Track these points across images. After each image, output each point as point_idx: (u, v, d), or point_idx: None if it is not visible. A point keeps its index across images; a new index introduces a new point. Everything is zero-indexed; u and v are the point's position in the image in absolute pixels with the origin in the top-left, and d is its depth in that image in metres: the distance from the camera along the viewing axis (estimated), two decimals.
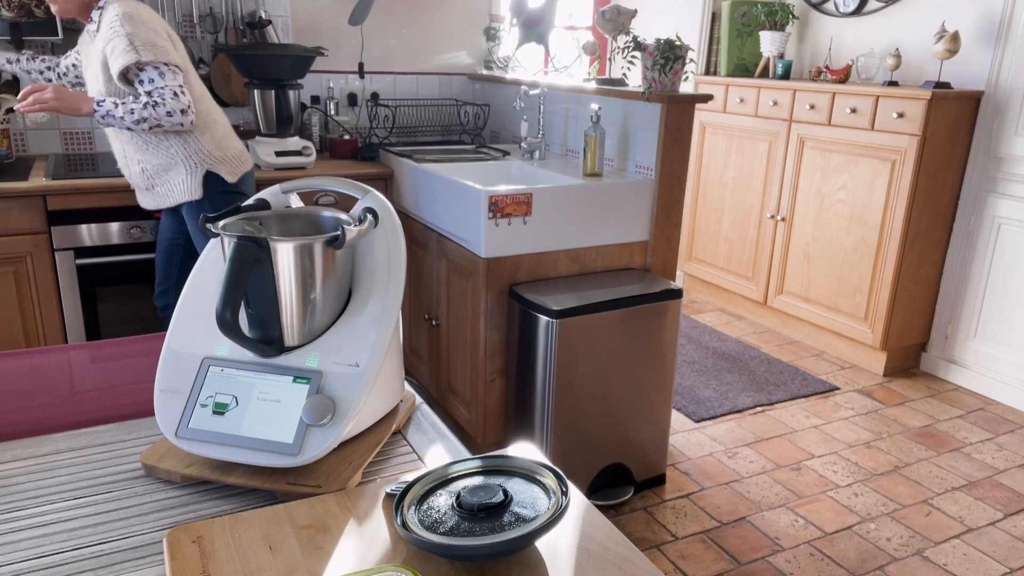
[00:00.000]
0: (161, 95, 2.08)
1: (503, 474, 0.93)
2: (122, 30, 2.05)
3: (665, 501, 2.47)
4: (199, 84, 2.27)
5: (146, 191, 2.29)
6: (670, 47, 2.48)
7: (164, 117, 2.09)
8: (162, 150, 2.20)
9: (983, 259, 3.30)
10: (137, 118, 2.06)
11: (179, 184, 2.24)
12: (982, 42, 3.23)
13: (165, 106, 2.08)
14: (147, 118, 2.07)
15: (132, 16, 2.07)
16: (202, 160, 2.24)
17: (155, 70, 2.09)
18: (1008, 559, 2.24)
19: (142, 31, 2.07)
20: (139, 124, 2.07)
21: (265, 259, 0.97)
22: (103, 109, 2.06)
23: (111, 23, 2.05)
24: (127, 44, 2.05)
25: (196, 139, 2.22)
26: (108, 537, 0.89)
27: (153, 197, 2.29)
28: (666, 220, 2.62)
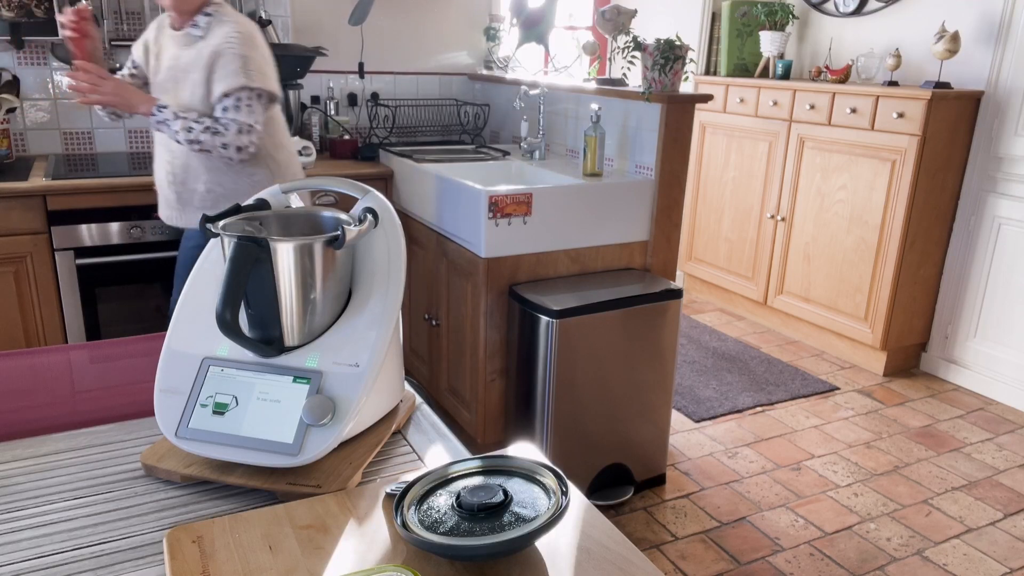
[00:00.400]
0: (227, 126, 1.99)
1: (503, 474, 0.93)
2: (239, 49, 1.97)
3: (665, 501, 2.47)
4: (280, 114, 2.23)
5: (195, 210, 2.15)
6: (670, 47, 2.47)
7: (218, 147, 2.00)
8: (244, 176, 2.11)
9: (983, 259, 3.30)
10: (192, 138, 1.97)
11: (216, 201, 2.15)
12: (982, 42, 3.23)
13: (224, 137, 1.99)
14: (201, 141, 1.98)
15: (250, 39, 2.00)
16: (256, 183, 2.16)
17: (239, 100, 2.00)
18: (1008, 559, 2.24)
19: (257, 57, 2.01)
20: (191, 143, 1.98)
21: (265, 259, 0.97)
22: (161, 116, 1.97)
23: (229, 38, 1.97)
24: (240, 66, 1.97)
25: (281, 172, 2.16)
26: (108, 537, 0.89)
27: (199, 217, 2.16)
28: (666, 220, 2.62)
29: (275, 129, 2.18)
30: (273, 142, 2.16)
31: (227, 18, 2.02)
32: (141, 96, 1.99)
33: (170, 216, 2.20)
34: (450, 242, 2.56)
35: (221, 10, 2.05)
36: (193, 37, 2.02)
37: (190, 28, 2.03)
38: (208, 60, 1.98)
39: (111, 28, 2.85)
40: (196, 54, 2.01)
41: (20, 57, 2.76)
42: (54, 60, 2.81)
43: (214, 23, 2.01)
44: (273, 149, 2.16)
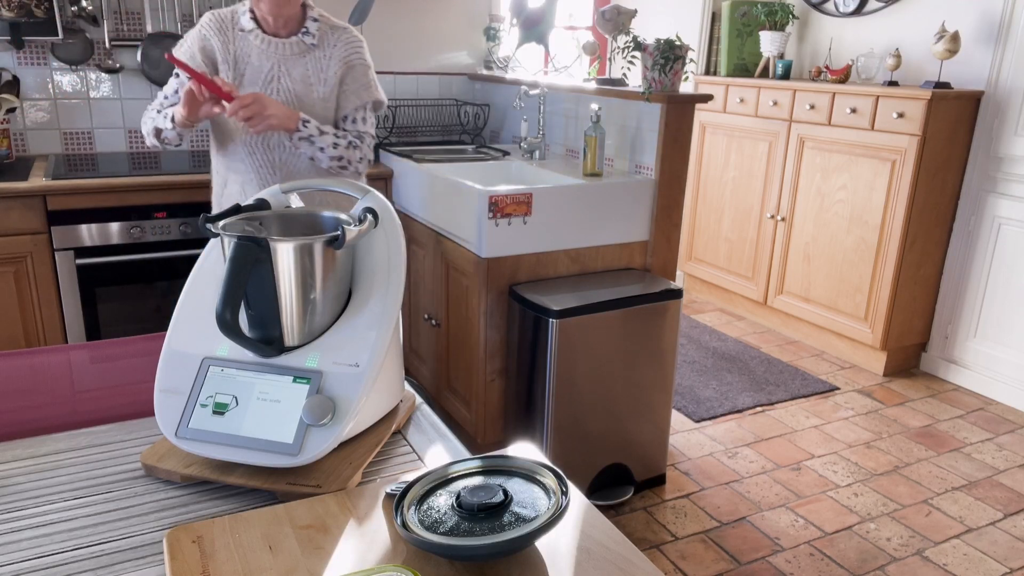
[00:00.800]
0: (362, 138, 1.91)
1: (503, 474, 0.93)
2: (367, 61, 1.88)
3: (665, 501, 2.47)
4: None
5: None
6: (670, 47, 2.47)
7: (355, 162, 1.90)
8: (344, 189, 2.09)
9: (983, 259, 3.30)
10: (337, 154, 1.85)
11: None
12: (982, 42, 3.22)
13: (361, 150, 1.90)
14: (342, 157, 1.86)
15: (365, 45, 1.92)
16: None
17: (365, 111, 1.93)
18: (1008, 559, 2.24)
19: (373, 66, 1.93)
20: (332, 160, 1.86)
21: (265, 259, 0.97)
22: (306, 131, 1.80)
23: (355, 47, 1.87)
24: (371, 80, 1.90)
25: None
26: (108, 537, 0.89)
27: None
28: (666, 220, 2.62)
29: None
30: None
31: (335, 22, 1.90)
32: (291, 111, 1.79)
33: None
34: (450, 242, 2.56)
35: (322, 13, 1.91)
36: (306, 45, 1.85)
37: (302, 35, 1.85)
38: (339, 72, 1.87)
39: (111, 28, 2.85)
40: (317, 65, 1.86)
41: (20, 57, 2.77)
42: (54, 60, 2.81)
43: (324, 28, 1.87)
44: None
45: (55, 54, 2.80)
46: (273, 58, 1.84)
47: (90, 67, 2.86)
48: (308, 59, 1.84)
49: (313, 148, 1.82)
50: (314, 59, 1.85)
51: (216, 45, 1.84)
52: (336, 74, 1.85)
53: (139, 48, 2.89)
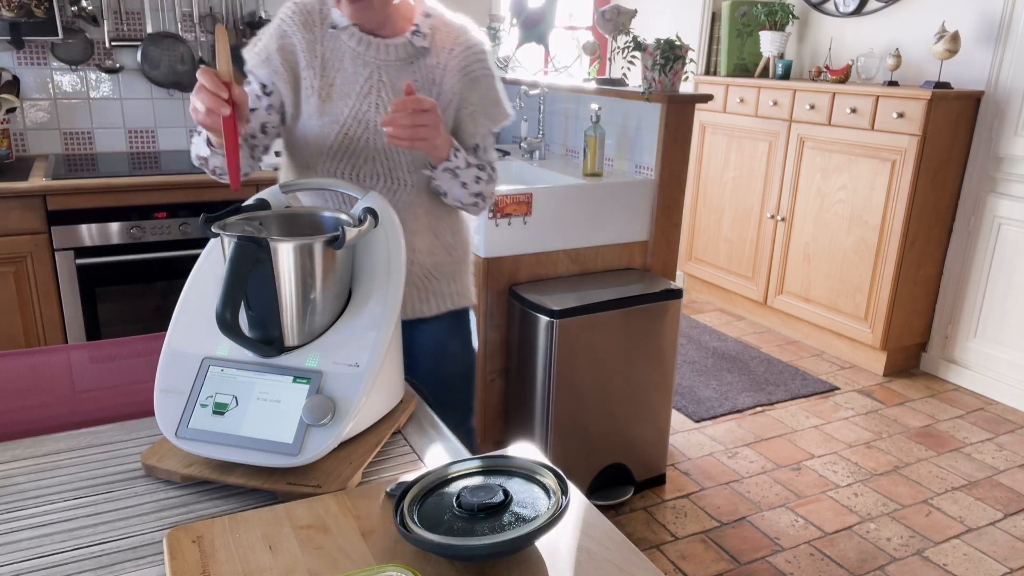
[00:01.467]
0: (495, 169, 1.49)
1: (503, 474, 0.93)
2: (492, 70, 1.43)
3: (665, 501, 2.47)
4: None
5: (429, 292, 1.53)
6: (670, 47, 2.47)
7: (488, 198, 1.48)
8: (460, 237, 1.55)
9: (983, 259, 3.30)
10: (477, 190, 1.43)
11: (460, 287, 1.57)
12: (982, 42, 3.22)
13: (494, 184, 1.48)
14: (479, 194, 1.44)
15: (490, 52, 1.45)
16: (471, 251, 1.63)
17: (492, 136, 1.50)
18: (1008, 559, 2.24)
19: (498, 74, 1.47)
20: (470, 198, 1.44)
21: (265, 259, 0.97)
22: (455, 162, 1.37)
23: (476, 53, 1.40)
24: (500, 95, 1.45)
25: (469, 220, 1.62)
26: (108, 537, 0.89)
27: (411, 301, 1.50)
28: (666, 220, 2.62)
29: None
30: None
31: (450, 18, 1.44)
32: (445, 134, 1.35)
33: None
34: None
35: (435, 6, 1.45)
36: (415, 48, 1.39)
37: (411, 36, 1.38)
38: (456, 87, 1.40)
39: (111, 28, 2.85)
40: (427, 75, 1.39)
41: (20, 57, 2.77)
42: (54, 60, 2.81)
43: (438, 26, 1.41)
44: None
45: (55, 54, 2.80)
46: (372, 64, 1.38)
47: (90, 67, 2.86)
48: (416, 66, 1.39)
49: (454, 183, 1.39)
50: (424, 67, 1.39)
51: (299, 43, 1.39)
52: (452, 89, 1.39)
53: (139, 48, 2.89)
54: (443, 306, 1.53)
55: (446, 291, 1.53)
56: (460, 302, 1.57)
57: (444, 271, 1.52)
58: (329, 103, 1.38)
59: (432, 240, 1.48)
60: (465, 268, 1.58)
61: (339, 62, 1.38)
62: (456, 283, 1.55)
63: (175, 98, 3.02)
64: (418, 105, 1.21)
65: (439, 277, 1.51)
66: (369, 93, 1.38)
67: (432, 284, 1.51)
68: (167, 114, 3.02)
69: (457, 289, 1.56)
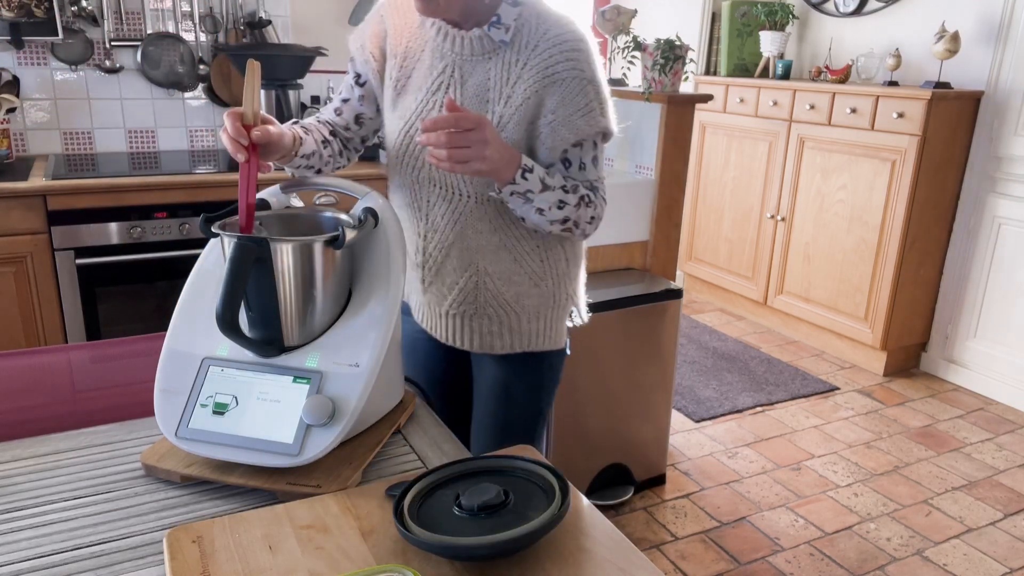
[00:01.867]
0: (594, 189, 1.25)
1: (503, 474, 0.93)
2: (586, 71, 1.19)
3: (665, 501, 2.47)
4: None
5: (468, 318, 1.33)
6: (670, 47, 2.47)
7: (585, 224, 1.25)
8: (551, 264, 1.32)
9: (983, 259, 3.30)
10: (562, 216, 1.20)
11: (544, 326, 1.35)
12: (982, 42, 3.22)
13: (594, 207, 1.24)
14: (567, 219, 1.21)
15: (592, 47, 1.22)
16: (571, 289, 1.38)
17: (595, 148, 1.25)
18: (1008, 559, 2.24)
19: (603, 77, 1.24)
20: (557, 225, 1.21)
21: (265, 259, 0.97)
22: (523, 185, 1.15)
23: (565, 50, 1.18)
24: (592, 100, 1.20)
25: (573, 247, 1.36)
26: (108, 537, 0.89)
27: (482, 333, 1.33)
28: (666, 220, 2.62)
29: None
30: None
31: (544, 8, 1.22)
32: (508, 149, 1.14)
33: (456, 337, 1.35)
34: None
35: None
36: (494, 43, 1.20)
37: (490, 27, 1.19)
38: (533, 87, 1.18)
39: (111, 28, 2.85)
40: (502, 72, 1.20)
41: (20, 57, 2.76)
42: (54, 60, 2.81)
43: (527, 18, 1.20)
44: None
45: (55, 54, 2.80)
46: (448, 58, 1.23)
47: (90, 67, 2.86)
48: (493, 63, 1.21)
49: (527, 208, 1.18)
50: (502, 63, 1.20)
51: (391, 29, 1.28)
52: (528, 91, 1.18)
53: (139, 48, 2.89)
54: (517, 345, 1.33)
55: (526, 329, 1.32)
56: (541, 344, 1.34)
57: (528, 305, 1.31)
58: (402, 97, 1.27)
59: (510, 265, 1.28)
60: (557, 304, 1.34)
61: (419, 53, 1.26)
62: (540, 322, 1.33)
63: (175, 98, 3.02)
64: (457, 124, 1.05)
65: (519, 312, 1.30)
66: (438, 90, 1.24)
67: (509, 319, 1.31)
68: (167, 114, 3.02)
69: (540, 329, 1.33)
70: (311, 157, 1.30)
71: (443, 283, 1.31)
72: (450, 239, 1.28)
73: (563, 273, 1.34)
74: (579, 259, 1.38)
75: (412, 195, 1.30)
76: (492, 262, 1.28)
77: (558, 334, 1.36)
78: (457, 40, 1.21)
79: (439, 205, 1.26)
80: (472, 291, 1.29)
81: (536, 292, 1.31)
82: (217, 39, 3.04)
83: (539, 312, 1.32)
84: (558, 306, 1.34)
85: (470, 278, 1.29)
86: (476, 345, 1.33)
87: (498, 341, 1.33)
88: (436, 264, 1.31)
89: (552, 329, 1.35)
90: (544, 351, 1.36)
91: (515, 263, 1.28)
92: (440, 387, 1.49)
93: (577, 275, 1.38)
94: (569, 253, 1.34)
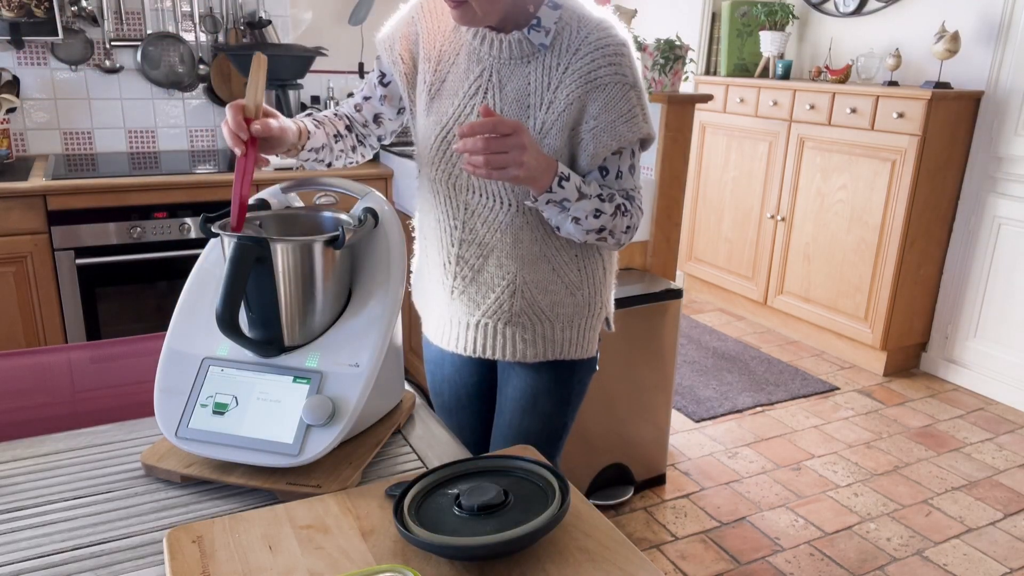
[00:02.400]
0: (631, 198, 1.23)
1: (503, 474, 0.93)
2: (629, 76, 1.17)
3: (665, 501, 2.47)
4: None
5: (506, 326, 1.29)
6: (670, 47, 2.47)
7: (621, 233, 1.22)
8: (588, 273, 1.30)
9: (983, 259, 3.30)
10: (598, 225, 1.18)
11: (577, 335, 1.32)
12: (982, 42, 3.22)
13: (630, 216, 1.22)
14: (603, 229, 1.19)
15: (632, 51, 1.19)
16: (605, 297, 1.35)
17: (633, 156, 1.24)
18: (1008, 559, 2.24)
19: (644, 85, 1.24)
20: (592, 235, 1.19)
21: (265, 259, 0.97)
22: (560, 193, 1.13)
23: (607, 54, 1.15)
24: (634, 107, 1.18)
25: (610, 256, 1.35)
26: (108, 537, 0.89)
27: (514, 340, 1.30)
28: (666, 220, 2.62)
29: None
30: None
31: (586, 11, 1.18)
32: (544, 156, 1.11)
33: (460, 345, 1.34)
34: None
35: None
36: (533, 46, 1.17)
37: (530, 30, 1.16)
38: (576, 93, 1.15)
39: (111, 28, 2.85)
40: (543, 77, 1.17)
41: (20, 57, 2.76)
42: (54, 60, 2.81)
43: (568, 21, 1.16)
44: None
45: (55, 54, 2.80)
46: (485, 62, 1.20)
47: (90, 67, 2.86)
48: (533, 67, 1.17)
49: (563, 218, 1.16)
50: (542, 68, 1.17)
51: (423, 32, 1.26)
52: (571, 96, 1.15)
53: (139, 48, 2.89)
54: (549, 353, 1.30)
55: (559, 337, 1.30)
56: (571, 352, 1.32)
57: (561, 314, 1.29)
58: (437, 101, 1.25)
59: (549, 275, 1.26)
60: (591, 313, 1.32)
61: (455, 56, 1.23)
62: (573, 330, 1.31)
63: (175, 98, 3.02)
64: (495, 129, 1.03)
65: (554, 320, 1.28)
66: (476, 94, 1.21)
67: (542, 327, 1.28)
68: (167, 114, 3.02)
69: (572, 337, 1.31)
70: (320, 151, 1.28)
71: (477, 291, 1.28)
72: (490, 246, 1.24)
73: (600, 282, 1.32)
74: (614, 267, 1.37)
75: (447, 201, 1.27)
76: (531, 271, 1.25)
77: (590, 343, 1.34)
78: (495, 44, 1.18)
79: (480, 212, 1.24)
80: (508, 300, 1.27)
81: (571, 301, 1.29)
82: (217, 39, 3.04)
83: (573, 320, 1.30)
84: (592, 315, 1.32)
85: (507, 287, 1.26)
86: (508, 354, 1.30)
87: (531, 349, 1.30)
88: (472, 272, 1.27)
89: (585, 338, 1.33)
90: (575, 360, 1.34)
91: (553, 272, 1.27)
92: (474, 403, 1.47)
93: (611, 283, 1.37)
94: (607, 262, 1.33)
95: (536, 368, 1.33)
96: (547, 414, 1.35)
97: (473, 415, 1.48)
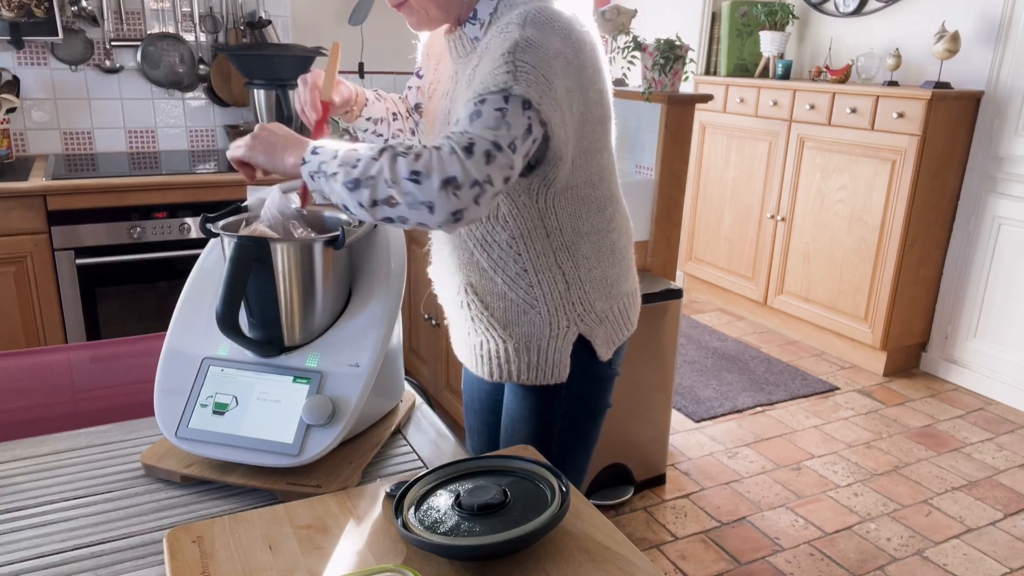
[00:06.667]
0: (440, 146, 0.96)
1: (503, 474, 0.93)
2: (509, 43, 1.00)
3: (665, 501, 2.47)
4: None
5: (467, 334, 1.24)
6: (670, 47, 2.47)
7: (393, 183, 0.93)
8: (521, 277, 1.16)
9: (983, 259, 3.30)
10: (354, 176, 0.95)
11: (538, 357, 1.19)
12: (982, 42, 3.22)
13: (417, 160, 0.94)
14: (359, 181, 0.95)
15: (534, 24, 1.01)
16: (575, 315, 1.18)
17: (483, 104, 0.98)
18: (1008, 559, 2.24)
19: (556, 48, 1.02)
20: (351, 192, 0.95)
21: (265, 259, 0.97)
22: (314, 162, 0.98)
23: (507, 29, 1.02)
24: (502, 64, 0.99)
25: (576, 270, 1.17)
26: (108, 537, 0.89)
27: (474, 353, 1.24)
28: (666, 220, 2.62)
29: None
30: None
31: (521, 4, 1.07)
32: (292, 139, 1.03)
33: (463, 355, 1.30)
34: None
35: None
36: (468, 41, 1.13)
37: (467, 24, 1.12)
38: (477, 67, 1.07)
39: (111, 28, 2.85)
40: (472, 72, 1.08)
41: (20, 57, 2.76)
42: (54, 60, 2.81)
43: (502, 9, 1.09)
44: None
45: (55, 54, 2.80)
46: (456, 63, 1.17)
47: (90, 67, 2.86)
48: (472, 60, 1.10)
49: (333, 184, 0.96)
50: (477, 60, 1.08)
51: (423, 37, 1.32)
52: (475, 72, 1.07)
53: (139, 48, 2.89)
54: (505, 374, 1.20)
55: (513, 359, 1.19)
56: (534, 376, 1.19)
57: (517, 332, 1.18)
58: (429, 102, 1.26)
59: (499, 285, 1.17)
60: (554, 334, 1.17)
61: (440, 57, 1.24)
62: (532, 352, 1.18)
63: (175, 98, 3.02)
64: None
65: (506, 339, 1.19)
66: (447, 94, 1.17)
67: (496, 343, 1.19)
68: (167, 114, 3.02)
69: (533, 361, 1.19)
70: (379, 124, 1.34)
71: (443, 293, 1.28)
72: (443, 253, 1.23)
73: (561, 298, 1.16)
74: (585, 283, 1.18)
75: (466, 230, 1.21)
76: (478, 277, 1.18)
77: (556, 367, 1.19)
78: (450, 43, 1.16)
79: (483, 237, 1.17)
80: (459, 310, 1.22)
81: (526, 320, 1.17)
82: (217, 39, 3.04)
83: (531, 340, 1.18)
84: (556, 335, 1.17)
85: (457, 292, 1.21)
86: (474, 367, 1.25)
87: (485, 367, 1.22)
88: (437, 275, 1.29)
89: (548, 361, 1.18)
90: (554, 386, 1.20)
91: (504, 284, 1.17)
92: (484, 408, 1.44)
93: (585, 301, 1.19)
94: (570, 276, 1.16)
95: (513, 390, 1.24)
96: (529, 440, 1.24)
97: (483, 422, 1.44)
